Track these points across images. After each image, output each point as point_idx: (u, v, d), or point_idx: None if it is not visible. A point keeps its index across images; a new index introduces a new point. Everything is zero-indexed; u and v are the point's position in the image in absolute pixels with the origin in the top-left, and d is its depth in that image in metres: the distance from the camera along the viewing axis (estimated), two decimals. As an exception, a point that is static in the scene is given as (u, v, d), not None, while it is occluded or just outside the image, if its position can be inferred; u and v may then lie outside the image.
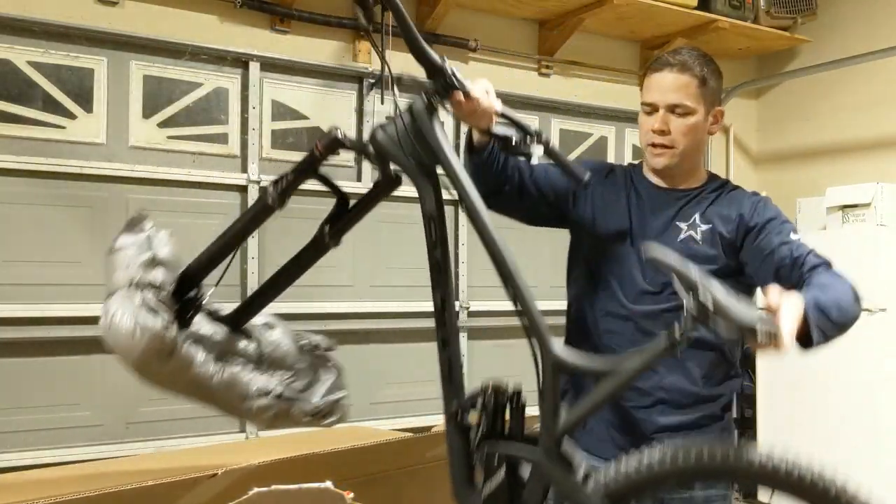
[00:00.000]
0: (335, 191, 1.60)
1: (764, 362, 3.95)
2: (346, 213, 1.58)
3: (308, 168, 1.58)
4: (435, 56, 1.51)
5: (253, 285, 3.15)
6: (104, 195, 2.93)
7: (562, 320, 1.86)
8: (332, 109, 3.41)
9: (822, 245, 1.65)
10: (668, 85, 1.69)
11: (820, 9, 4.22)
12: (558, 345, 1.34)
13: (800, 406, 3.77)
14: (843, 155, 4.22)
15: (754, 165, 4.71)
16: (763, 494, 3.97)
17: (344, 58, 3.43)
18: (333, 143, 1.56)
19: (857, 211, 3.67)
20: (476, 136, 1.69)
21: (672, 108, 1.69)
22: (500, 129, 1.56)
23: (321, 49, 3.39)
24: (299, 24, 3.32)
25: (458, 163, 1.47)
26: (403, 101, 1.46)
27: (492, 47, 3.75)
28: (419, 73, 1.53)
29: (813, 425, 3.71)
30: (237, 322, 1.55)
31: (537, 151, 1.52)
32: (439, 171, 1.47)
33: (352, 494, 1.26)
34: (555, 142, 1.53)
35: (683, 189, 1.77)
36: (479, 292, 3.60)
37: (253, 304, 1.67)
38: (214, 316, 1.55)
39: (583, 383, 1.67)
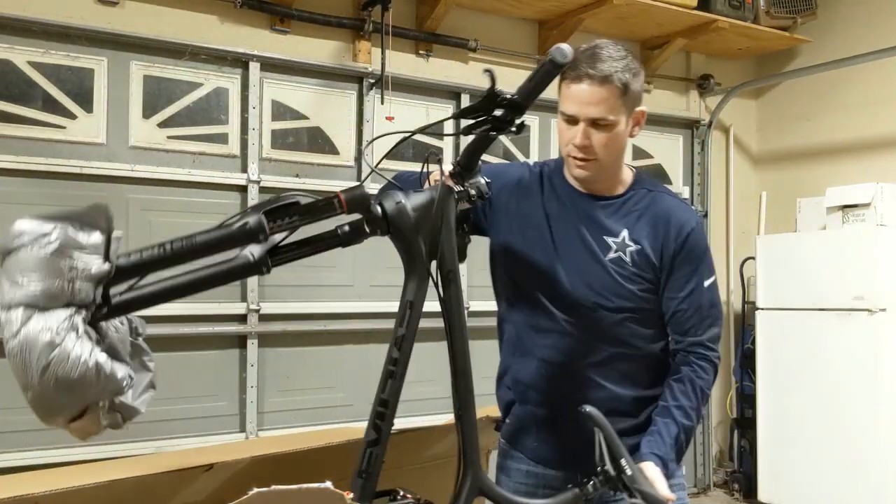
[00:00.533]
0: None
1: (764, 362, 3.95)
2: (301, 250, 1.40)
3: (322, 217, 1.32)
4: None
5: (253, 286, 3.15)
6: (104, 195, 2.93)
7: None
8: (332, 109, 3.42)
9: (822, 245, 1.68)
10: (588, 98, 1.61)
11: (820, 9, 4.22)
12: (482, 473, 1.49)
13: (800, 406, 3.77)
14: (843, 155, 4.22)
15: (754, 165, 4.71)
16: (763, 494, 3.97)
17: (344, 58, 3.43)
18: (361, 201, 1.32)
19: (857, 211, 3.67)
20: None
21: (593, 122, 1.62)
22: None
23: (321, 49, 3.39)
24: (299, 24, 3.33)
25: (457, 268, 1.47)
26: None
27: (492, 47, 3.75)
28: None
29: (813, 425, 3.71)
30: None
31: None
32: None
33: (352, 494, 1.26)
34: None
35: (607, 196, 1.73)
36: (479, 292, 3.60)
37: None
38: None
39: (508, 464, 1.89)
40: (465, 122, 1.53)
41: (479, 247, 1.45)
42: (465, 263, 1.60)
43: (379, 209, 1.32)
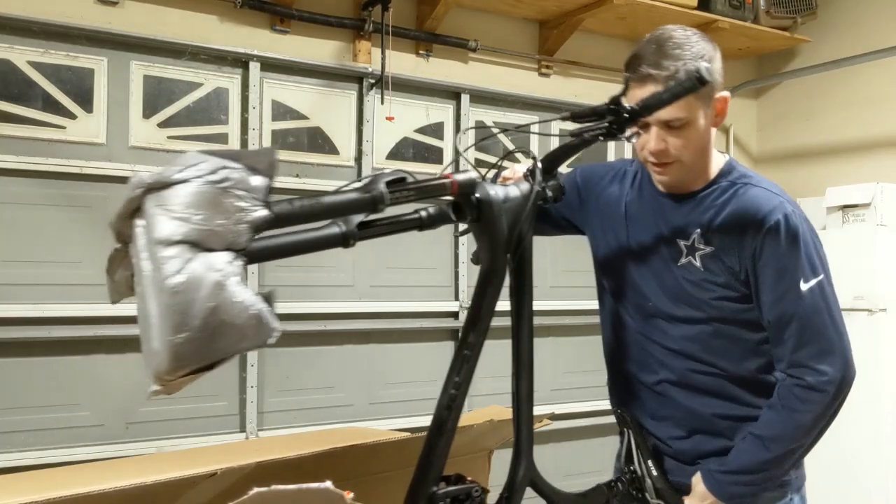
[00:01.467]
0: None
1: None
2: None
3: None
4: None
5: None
6: (104, 195, 2.93)
7: (561, 320, 1.89)
8: (332, 109, 3.42)
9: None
10: None
11: (820, 9, 4.22)
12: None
13: (800, 406, 3.77)
14: (843, 155, 4.23)
15: (754, 165, 4.71)
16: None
17: (344, 58, 3.43)
18: (470, 186, 1.35)
19: (857, 211, 3.67)
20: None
21: (666, 125, 1.48)
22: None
23: (321, 49, 3.39)
24: (299, 24, 3.32)
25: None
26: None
27: (492, 47, 3.75)
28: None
29: (813, 425, 3.70)
30: None
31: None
32: None
33: (352, 494, 1.26)
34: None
35: (685, 193, 1.59)
36: (479, 292, 3.60)
37: None
38: None
39: None
40: (561, 124, 1.57)
41: (473, 245, 1.44)
42: (464, 263, 1.62)
43: (475, 197, 1.36)
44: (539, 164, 1.44)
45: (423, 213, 1.37)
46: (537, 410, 1.68)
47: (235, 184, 1.12)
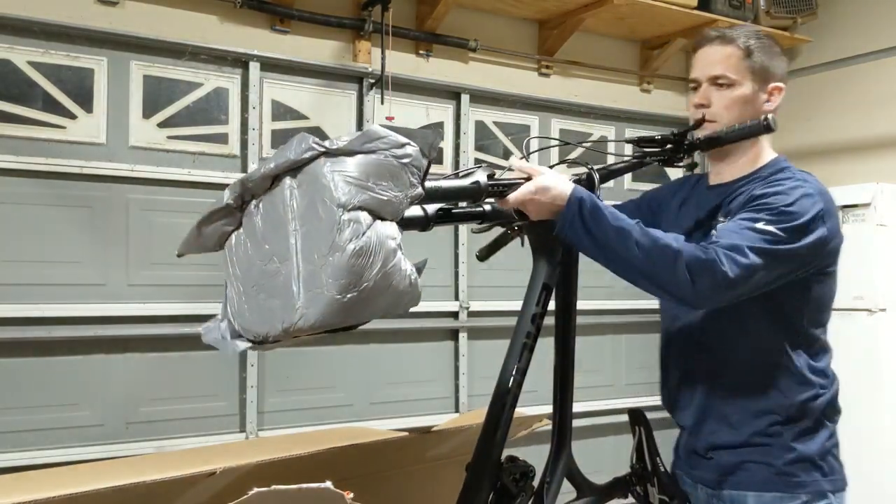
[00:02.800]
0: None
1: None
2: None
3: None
4: None
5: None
6: (104, 195, 2.93)
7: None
8: (332, 109, 3.42)
9: None
10: (709, 58, 1.63)
11: (820, 9, 4.22)
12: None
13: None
14: (843, 155, 4.22)
15: (754, 165, 4.72)
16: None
17: (344, 58, 3.43)
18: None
19: (857, 211, 3.67)
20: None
21: (713, 81, 1.62)
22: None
23: (321, 49, 3.39)
24: (299, 24, 3.32)
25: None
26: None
27: (492, 47, 3.75)
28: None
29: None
30: None
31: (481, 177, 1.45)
32: None
33: (352, 494, 1.26)
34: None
35: (729, 182, 1.65)
36: (479, 292, 3.60)
37: None
38: None
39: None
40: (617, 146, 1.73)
41: (473, 245, 1.45)
42: (464, 263, 1.67)
43: None
44: (596, 175, 1.60)
45: (488, 207, 1.52)
46: (536, 410, 1.69)
47: (412, 161, 1.22)
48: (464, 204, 1.50)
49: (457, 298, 3.61)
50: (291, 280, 1.21)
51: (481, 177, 1.41)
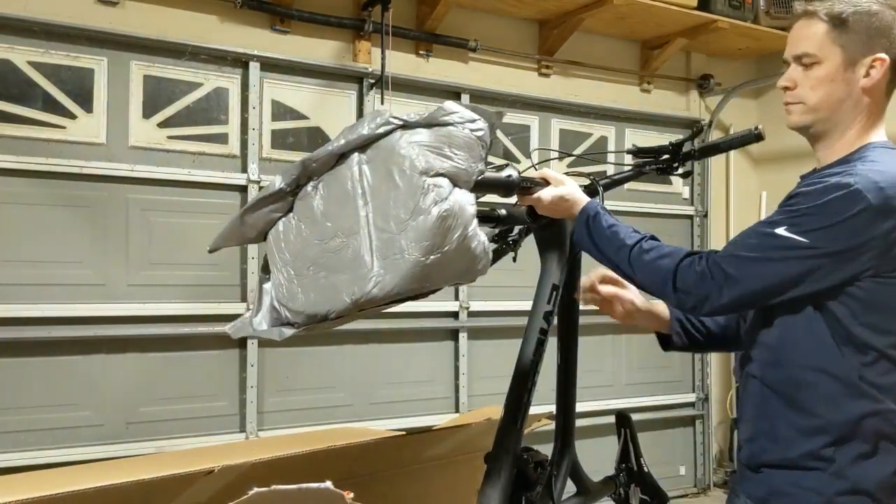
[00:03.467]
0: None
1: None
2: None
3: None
4: None
5: (253, 286, 3.15)
6: (104, 195, 2.93)
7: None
8: (332, 109, 3.42)
9: None
10: (794, 35, 1.52)
11: (820, 9, 4.21)
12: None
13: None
14: (844, 155, 4.22)
15: (754, 165, 4.72)
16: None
17: (344, 58, 3.43)
18: None
19: (857, 211, 3.67)
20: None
21: (798, 60, 1.49)
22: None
23: (321, 49, 3.39)
24: (299, 24, 3.32)
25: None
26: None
27: (492, 47, 3.75)
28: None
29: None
30: None
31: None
32: None
33: (352, 494, 1.26)
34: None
35: (811, 172, 1.51)
36: (479, 292, 3.60)
37: None
38: None
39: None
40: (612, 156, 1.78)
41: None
42: None
43: None
44: (600, 187, 1.68)
45: (503, 212, 1.62)
46: (534, 410, 1.70)
47: (483, 135, 1.31)
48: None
49: (457, 298, 3.61)
50: (363, 251, 1.27)
51: (513, 172, 1.47)
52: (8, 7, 2.77)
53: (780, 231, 1.34)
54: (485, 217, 1.57)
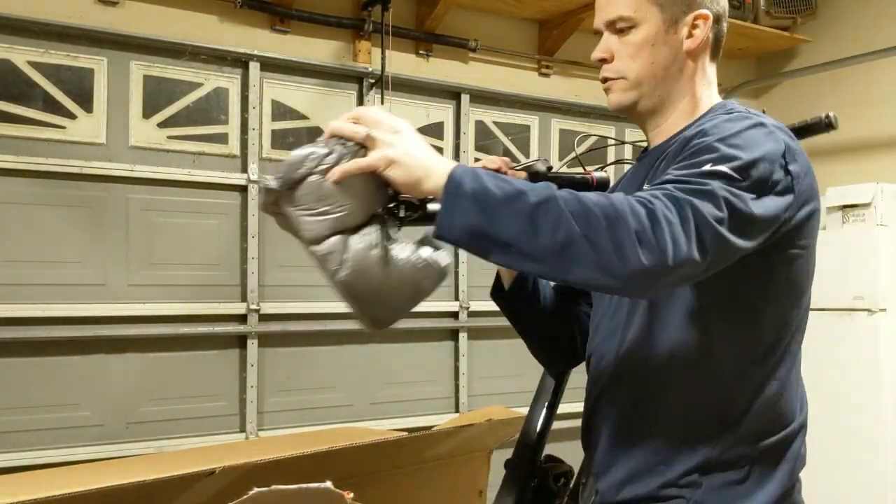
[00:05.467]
0: None
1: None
2: None
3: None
4: None
5: (253, 286, 3.15)
6: (104, 195, 2.93)
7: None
8: (332, 109, 3.41)
9: (822, 245, 1.26)
10: None
11: (820, 9, 4.22)
12: None
13: (800, 406, 3.77)
14: (843, 155, 4.22)
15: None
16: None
17: (344, 58, 3.43)
18: (605, 183, 1.48)
19: (857, 211, 3.67)
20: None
21: (612, 26, 1.23)
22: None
23: (321, 49, 3.39)
24: (299, 24, 3.32)
25: None
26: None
27: (492, 47, 3.75)
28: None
29: (812, 425, 3.70)
30: None
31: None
32: None
33: (352, 494, 1.26)
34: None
35: (661, 143, 1.26)
36: (479, 292, 3.60)
37: None
38: None
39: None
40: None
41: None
42: (465, 263, 1.66)
43: None
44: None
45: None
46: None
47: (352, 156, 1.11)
48: None
49: (457, 298, 3.61)
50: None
51: (542, 168, 1.38)
52: (8, 7, 2.77)
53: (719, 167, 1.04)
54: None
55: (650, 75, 1.22)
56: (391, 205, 1.16)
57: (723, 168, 1.02)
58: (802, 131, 1.41)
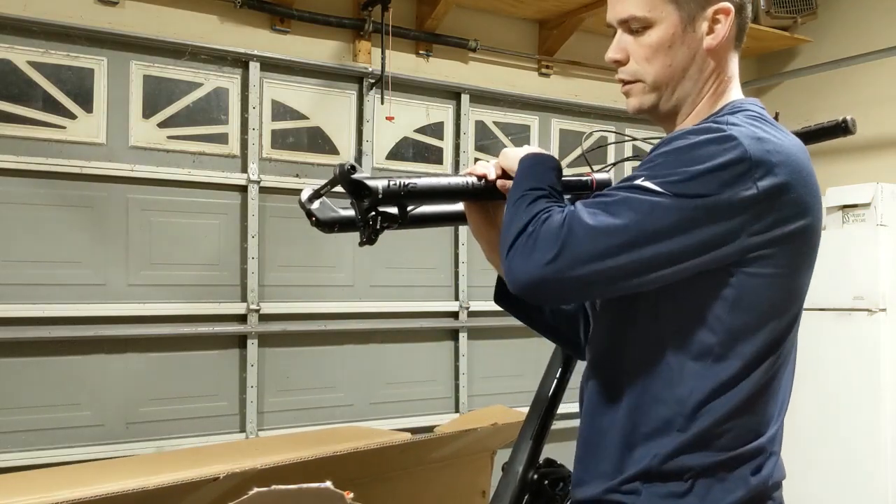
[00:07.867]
0: None
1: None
2: None
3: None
4: None
5: (253, 286, 3.15)
6: (104, 195, 2.93)
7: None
8: (332, 109, 3.42)
9: (821, 245, 1.22)
10: None
11: (820, 9, 4.21)
12: None
13: (799, 406, 3.77)
14: (843, 155, 4.22)
15: (754, 165, 4.71)
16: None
17: (344, 58, 3.42)
18: (606, 184, 1.38)
19: (857, 211, 3.67)
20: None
21: (625, 26, 1.18)
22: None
23: (321, 49, 3.39)
24: (299, 24, 3.32)
25: None
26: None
27: (492, 47, 3.75)
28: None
29: (812, 426, 3.71)
30: None
31: None
32: None
33: (352, 494, 1.26)
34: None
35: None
36: (479, 292, 3.60)
37: None
38: None
39: None
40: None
41: (473, 245, 1.44)
42: (465, 263, 1.64)
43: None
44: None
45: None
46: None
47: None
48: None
49: (457, 298, 3.61)
50: None
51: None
52: (8, 7, 2.77)
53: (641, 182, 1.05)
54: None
55: (668, 78, 1.17)
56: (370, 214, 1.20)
57: (648, 184, 1.04)
58: (818, 135, 1.35)
